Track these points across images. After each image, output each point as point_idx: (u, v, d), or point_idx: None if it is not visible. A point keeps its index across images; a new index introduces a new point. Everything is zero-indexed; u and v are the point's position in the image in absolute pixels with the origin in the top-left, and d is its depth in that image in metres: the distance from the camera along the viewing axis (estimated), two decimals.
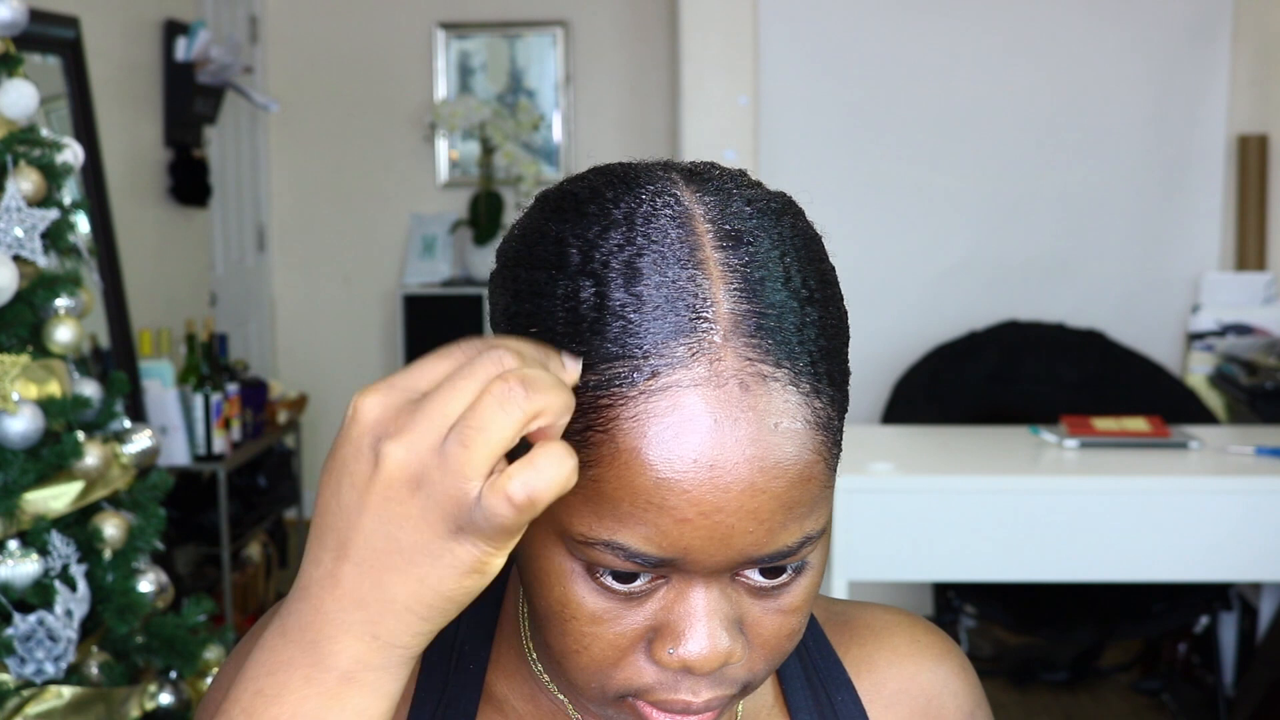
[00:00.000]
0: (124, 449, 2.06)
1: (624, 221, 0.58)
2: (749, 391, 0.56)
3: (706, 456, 0.55)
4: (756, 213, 0.60)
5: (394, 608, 0.50)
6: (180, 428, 3.24)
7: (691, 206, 0.59)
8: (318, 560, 0.51)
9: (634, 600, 0.59)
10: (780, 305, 0.58)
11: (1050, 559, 2.67)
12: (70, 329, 1.95)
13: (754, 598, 0.61)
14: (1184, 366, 3.80)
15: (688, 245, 0.57)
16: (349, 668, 0.51)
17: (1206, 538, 2.62)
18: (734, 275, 0.57)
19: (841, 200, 3.97)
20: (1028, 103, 3.94)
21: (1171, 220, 3.95)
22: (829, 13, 3.93)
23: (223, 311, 4.57)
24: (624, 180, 0.61)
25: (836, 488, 2.83)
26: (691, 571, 0.58)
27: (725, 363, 0.56)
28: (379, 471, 0.49)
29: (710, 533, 0.56)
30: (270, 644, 0.52)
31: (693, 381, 0.55)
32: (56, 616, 1.83)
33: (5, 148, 1.90)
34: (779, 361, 0.57)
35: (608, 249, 0.57)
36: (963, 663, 0.80)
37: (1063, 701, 3.53)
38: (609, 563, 0.58)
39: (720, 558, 0.57)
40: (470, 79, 5.21)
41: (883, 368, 3.79)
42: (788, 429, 0.56)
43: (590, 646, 0.60)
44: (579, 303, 0.57)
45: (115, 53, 3.72)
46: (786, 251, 0.59)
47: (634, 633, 0.60)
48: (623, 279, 0.57)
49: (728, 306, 0.57)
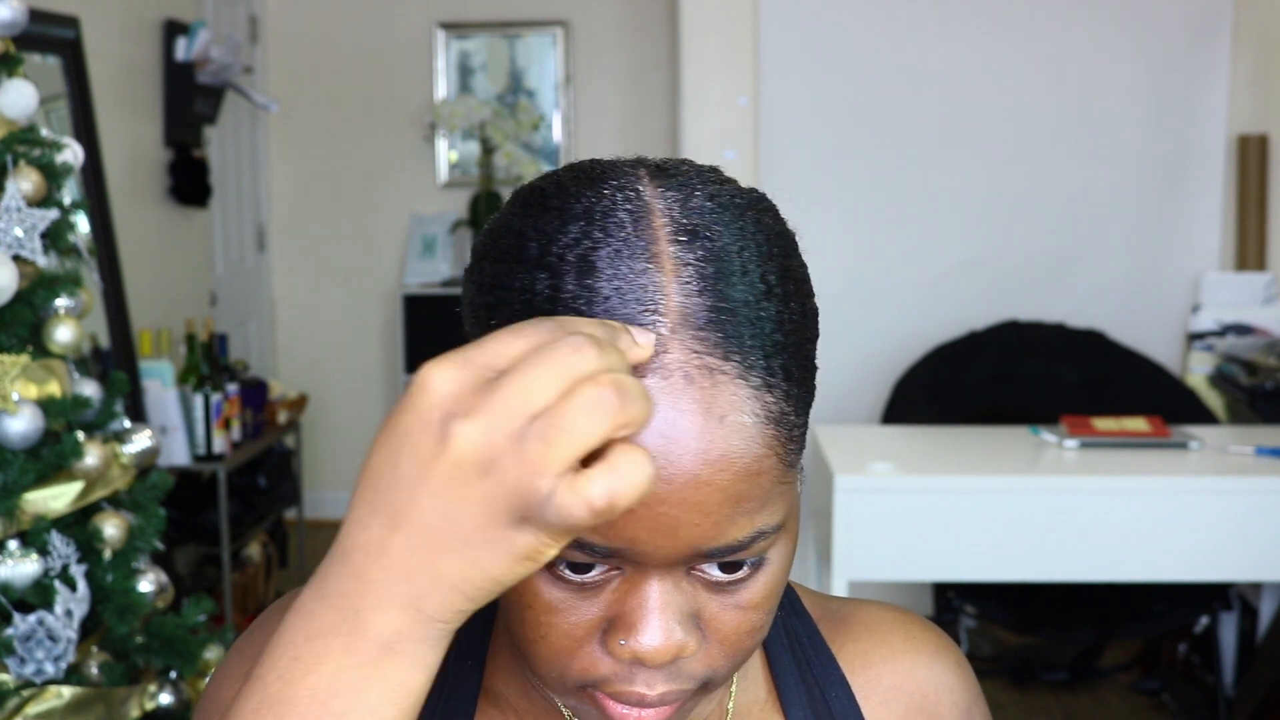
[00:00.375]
0: (124, 449, 2.06)
1: (583, 215, 0.58)
2: (694, 384, 0.56)
3: (650, 448, 0.55)
4: (718, 207, 0.60)
5: (442, 585, 0.49)
6: (180, 428, 3.24)
7: (651, 201, 0.59)
8: (365, 526, 0.49)
9: (589, 590, 0.59)
10: (734, 299, 0.57)
11: (1050, 559, 2.66)
12: (70, 329, 1.95)
13: (711, 593, 0.60)
14: (1184, 366, 3.80)
15: (643, 239, 0.57)
16: (390, 639, 0.50)
17: (1206, 538, 2.62)
18: (687, 269, 0.57)
19: (841, 200, 3.97)
20: (1028, 102, 3.94)
21: (1171, 220, 3.95)
22: (829, 13, 3.93)
23: (223, 311, 4.57)
24: (589, 175, 0.61)
25: (836, 487, 2.82)
26: (643, 563, 0.58)
27: (671, 355, 0.56)
28: (447, 450, 0.47)
29: (655, 524, 0.56)
30: (308, 609, 0.51)
31: (639, 374, 0.55)
32: (56, 616, 1.83)
33: (5, 148, 1.90)
34: (728, 354, 0.56)
35: (565, 242, 0.58)
36: (958, 659, 0.80)
37: (1063, 701, 3.53)
38: (566, 554, 0.57)
39: (668, 550, 0.57)
40: (470, 79, 5.21)
41: (883, 368, 3.79)
42: (734, 422, 0.56)
43: (548, 636, 0.60)
44: (534, 295, 0.57)
45: (115, 53, 3.72)
46: (746, 246, 0.59)
47: (589, 623, 0.60)
48: (576, 272, 0.57)
49: (678, 300, 0.56)
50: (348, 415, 5.30)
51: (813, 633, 0.78)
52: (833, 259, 3.97)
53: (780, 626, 0.77)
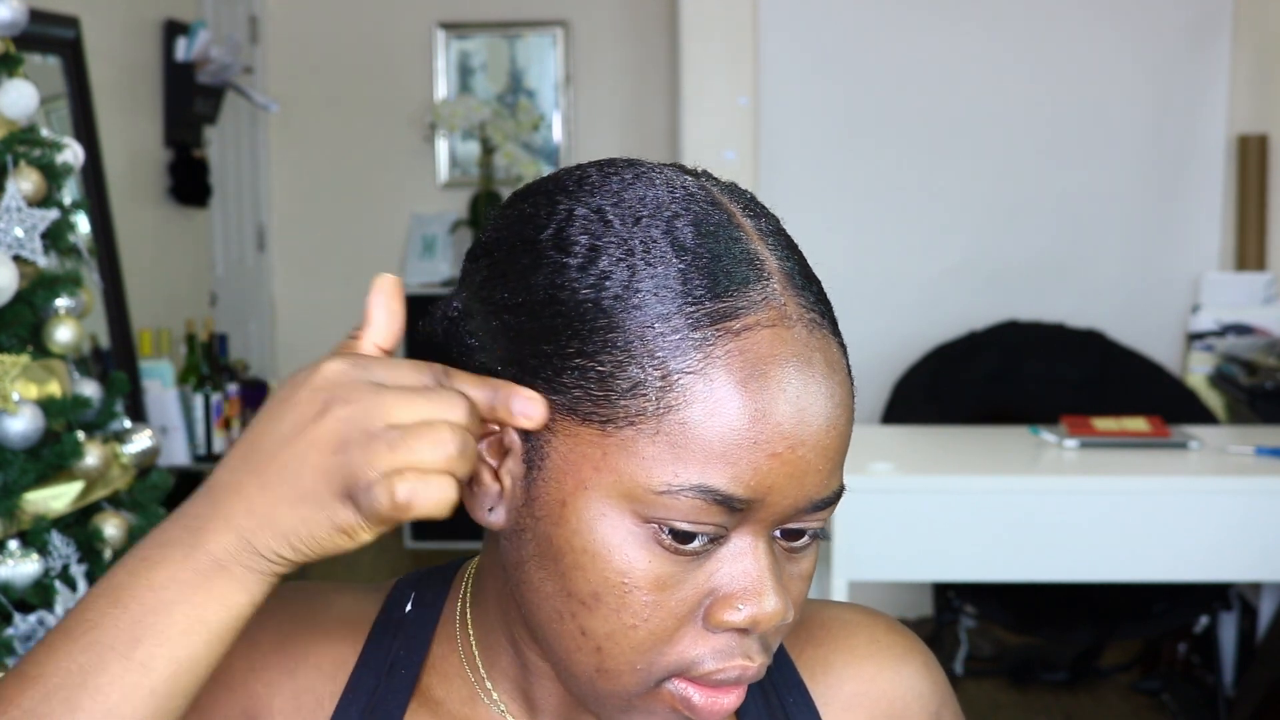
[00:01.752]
0: (124, 449, 2.06)
1: (660, 185, 0.63)
2: (814, 335, 0.61)
3: (794, 392, 0.59)
4: (746, 191, 0.66)
5: (274, 528, 0.57)
6: (180, 428, 3.24)
7: (704, 183, 0.64)
8: (232, 468, 0.58)
9: (694, 563, 0.60)
10: (804, 264, 0.64)
11: (1050, 559, 2.66)
12: (70, 329, 1.95)
13: (787, 564, 0.63)
14: (1184, 366, 3.79)
15: (723, 212, 0.62)
16: (222, 558, 0.57)
17: (1206, 538, 2.62)
18: (767, 236, 0.63)
19: (841, 200, 3.97)
20: (1028, 103, 3.94)
21: (1171, 220, 3.95)
22: (829, 13, 3.93)
23: (223, 311, 4.57)
24: (629, 165, 0.65)
25: None
26: (755, 523, 0.60)
27: (789, 309, 0.60)
28: (318, 423, 0.56)
29: (793, 469, 0.59)
30: (164, 525, 0.59)
31: (770, 323, 0.60)
32: (57, 617, 1.83)
33: (5, 148, 1.90)
34: (824, 313, 0.63)
35: (646, 210, 0.61)
36: (926, 661, 0.78)
37: (1063, 701, 3.53)
38: (697, 516, 0.59)
39: (794, 499, 0.60)
40: (470, 79, 5.21)
41: (883, 368, 3.79)
42: (843, 371, 0.62)
43: (650, 619, 0.60)
44: (634, 257, 0.60)
45: (115, 53, 3.72)
46: (778, 222, 0.66)
47: (694, 598, 0.60)
48: (673, 234, 0.61)
49: (774, 263, 0.62)
50: None
51: None
52: (833, 259, 3.97)
53: None
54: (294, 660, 0.72)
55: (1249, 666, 3.20)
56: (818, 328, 0.61)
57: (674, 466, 0.58)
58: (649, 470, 0.58)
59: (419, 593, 0.76)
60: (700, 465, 0.58)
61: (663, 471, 0.58)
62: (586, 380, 0.59)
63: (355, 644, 0.73)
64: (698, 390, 0.58)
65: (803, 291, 0.62)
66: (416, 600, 0.75)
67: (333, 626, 0.74)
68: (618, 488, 0.59)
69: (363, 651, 0.73)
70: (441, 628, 0.74)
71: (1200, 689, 3.38)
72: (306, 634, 0.73)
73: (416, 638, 0.73)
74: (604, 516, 0.60)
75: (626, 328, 0.59)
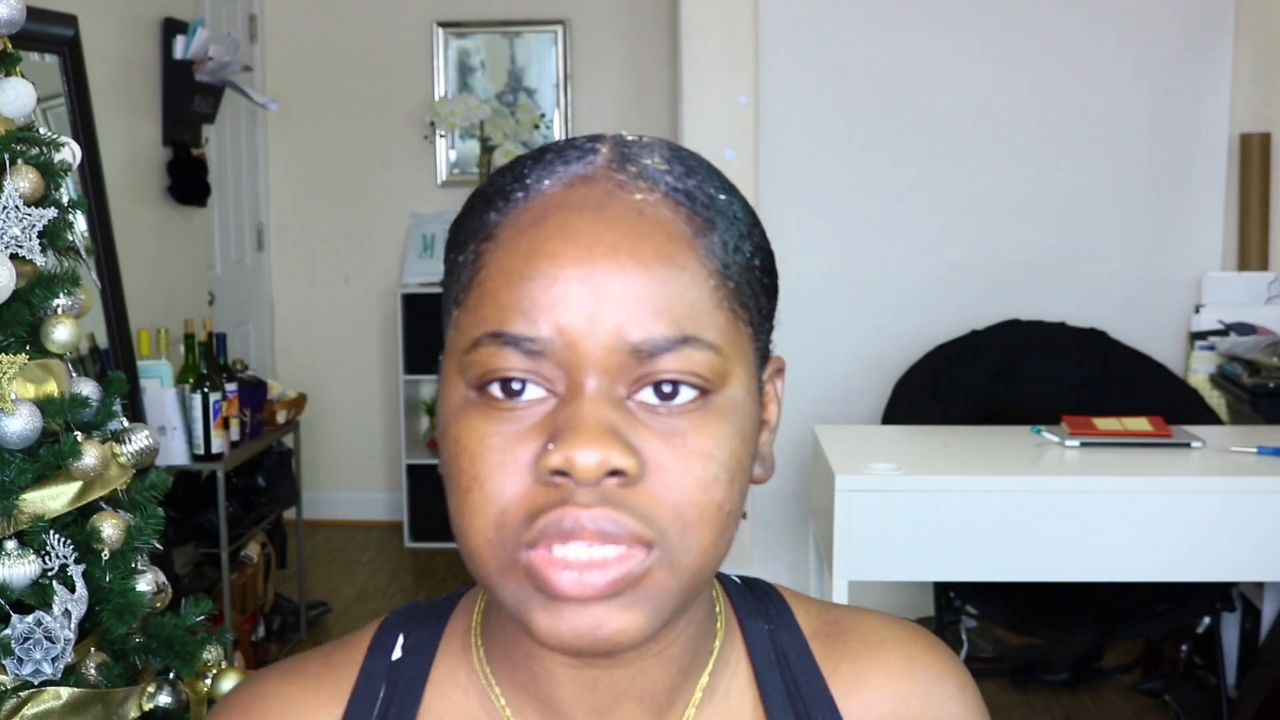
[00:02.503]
0: (122, 449, 2.05)
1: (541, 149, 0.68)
2: (621, 191, 0.63)
3: (574, 229, 0.61)
4: (663, 159, 0.67)
5: None
6: (179, 427, 3.23)
7: (599, 145, 0.68)
8: None
9: (525, 416, 0.61)
10: (656, 172, 0.65)
11: (1052, 559, 2.66)
12: (68, 328, 1.95)
13: (657, 437, 0.61)
14: (1186, 366, 3.79)
15: (585, 148, 0.67)
16: None
17: (1208, 538, 2.62)
18: (620, 159, 0.66)
19: (842, 200, 3.97)
20: (1029, 102, 3.93)
21: (1173, 219, 3.94)
22: (829, 13, 3.92)
23: (221, 311, 4.56)
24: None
25: (834, 487, 2.81)
26: (581, 373, 0.60)
27: (597, 178, 0.64)
28: None
29: (583, 303, 0.60)
30: None
31: (566, 184, 0.64)
32: (54, 617, 1.83)
33: (3, 146, 1.89)
34: (654, 185, 0.64)
35: (525, 166, 0.67)
36: (961, 682, 0.77)
37: (1064, 702, 3.53)
38: (496, 362, 0.61)
39: (602, 339, 0.60)
40: (470, 78, 5.20)
41: (883, 368, 3.78)
42: (655, 222, 0.63)
43: (486, 480, 0.61)
44: (496, 178, 0.68)
45: (114, 51, 3.71)
46: (676, 159, 0.67)
47: (527, 456, 0.60)
48: (530, 160, 0.67)
49: (607, 152, 0.66)
50: (347, 415, 5.29)
51: (802, 649, 0.75)
52: (833, 258, 3.97)
53: (768, 641, 0.75)
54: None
55: (1251, 667, 3.20)
56: (632, 190, 0.63)
57: (475, 322, 0.62)
58: (464, 336, 0.63)
59: (409, 634, 0.74)
60: (493, 312, 0.62)
61: (470, 329, 0.63)
62: (449, 280, 0.68)
63: (333, 712, 0.72)
64: (490, 255, 0.64)
65: (636, 178, 0.64)
66: (408, 643, 0.74)
67: (301, 700, 0.72)
68: (454, 364, 0.64)
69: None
70: (449, 639, 0.73)
71: (1202, 689, 3.38)
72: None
73: (409, 685, 0.72)
74: (451, 396, 0.64)
75: (465, 226, 0.67)
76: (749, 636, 0.75)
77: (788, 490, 3.83)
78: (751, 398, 0.65)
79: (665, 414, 0.61)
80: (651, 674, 0.69)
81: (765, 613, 0.76)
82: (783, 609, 0.77)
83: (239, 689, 0.74)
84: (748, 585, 0.79)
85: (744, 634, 0.75)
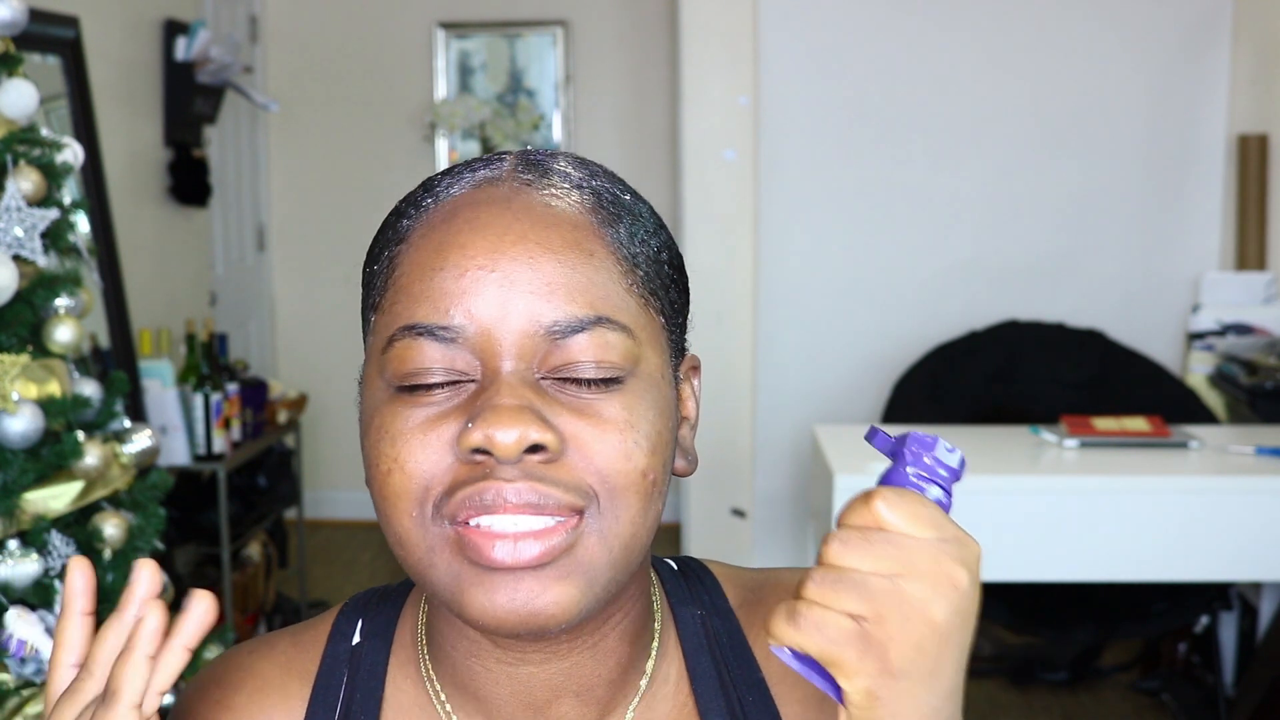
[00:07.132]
0: (124, 449, 2.06)
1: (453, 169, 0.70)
2: (525, 189, 0.66)
3: (482, 222, 0.64)
4: (569, 164, 0.69)
5: None
6: (180, 427, 3.24)
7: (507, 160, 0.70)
8: None
9: (444, 402, 0.62)
10: (561, 173, 0.68)
11: (1050, 559, 2.66)
12: (70, 329, 1.95)
13: (573, 415, 0.62)
14: (1184, 366, 3.79)
15: (492, 160, 0.69)
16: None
17: (1207, 537, 2.62)
18: (526, 164, 0.68)
19: (841, 200, 3.97)
20: (1028, 102, 3.94)
21: (1172, 220, 3.94)
22: (829, 13, 3.93)
23: (223, 311, 4.57)
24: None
25: (834, 487, 2.81)
26: (498, 359, 0.61)
27: (502, 179, 0.67)
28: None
29: (493, 290, 0.61)
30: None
31: (474, 186, 0.67)
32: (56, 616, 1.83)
33: (5, 147, 1.90)
34: (560, 182, 0.67)
35: (435, 178, 0.69)
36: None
37: (1063, 701, 3.53)
38: (412, 356, 0.62)
39: (516, 325, 0.61)
40: (470, 79, 5.21)
41: (883, 368, 3.79)
42: (559, 215, 0.65)
43: (407, 461, 0.61)
44: (409, 194, 0.70)
45: (115, 52, 3.72)
46: (581, 165, 0.70)
47: (448, 431, 0.61)
48: (439, 174, 0.69)
49: (512, 161, 0.68)
50: (348, 415, 5.26)
51: (734, 630, 0.76)
52: (833, 258, 3.97)
53: (700, 627, 0.75)
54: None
55: (1249, 666, 3.20)
56: (538, 188, 0.66)
57: (391, 322, 0.64)
58: (380, 337, 0.65)
59: (367, 619, 0.75)
60: (405, 309, 0.63)
61: (385, 331, 0.64)
62: (365, 291, 0.69)
63: (302, 691, 0.73)
64: (402, 256, 0.66)
65: (542, 177, 0.67)
66: (366, 628, 0.75)
67: (274, 676, 0.74)
68: (374, 367, 0.65)
69: (310, 700, 0.73)
70: (397, 654, 0.74)
71: (1200, 689, 3.38)
72: (245, 699, 0.73)
73: (370, 671, 0.73)
74: (372, 396, 0.65)
75: (379, 240, 0.69)
76: (680, 625, 0.75)
77: (788, 490, 3.83)
78: (667, 383, 0.66)
79: (580, 392, 0.62)
80: (587, 667, 0.69)
81: (698, 598, 0.77)
82: (715, 591, 0.77)
83: (214, 663, 0.75)
84: (681, 570, 0.79)
85: (676, 622, 0.75)
